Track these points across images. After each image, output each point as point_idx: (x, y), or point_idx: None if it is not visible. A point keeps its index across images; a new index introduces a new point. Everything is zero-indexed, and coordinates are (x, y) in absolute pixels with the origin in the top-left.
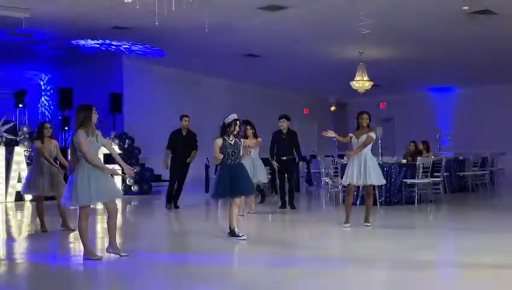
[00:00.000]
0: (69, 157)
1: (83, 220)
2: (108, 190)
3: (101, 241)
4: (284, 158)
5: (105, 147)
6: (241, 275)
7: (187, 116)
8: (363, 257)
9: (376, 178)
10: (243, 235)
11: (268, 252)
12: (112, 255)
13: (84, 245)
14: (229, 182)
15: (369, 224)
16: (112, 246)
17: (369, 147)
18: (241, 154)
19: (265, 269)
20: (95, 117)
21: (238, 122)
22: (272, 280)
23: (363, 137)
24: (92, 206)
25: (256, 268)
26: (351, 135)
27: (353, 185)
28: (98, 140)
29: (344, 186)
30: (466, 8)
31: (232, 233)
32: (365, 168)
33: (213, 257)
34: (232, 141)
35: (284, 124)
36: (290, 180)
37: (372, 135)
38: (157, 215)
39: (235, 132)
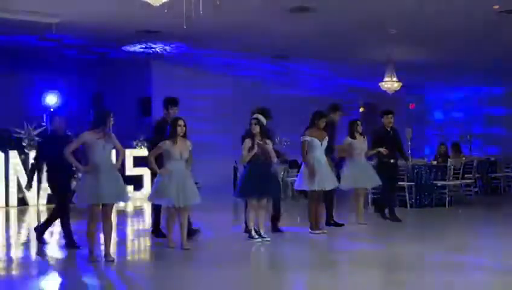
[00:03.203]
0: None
1: (90, 221)
2: (111, 191)
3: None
4: (392, 161)
5: (116, 147)
6: (267, 272)
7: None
8: (396, 259)
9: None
10: (257, 237)
11: (297, 253)
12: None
13: (89, 246)
14: (257, 182)
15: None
16: (106, 254)
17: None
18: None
19: (295, 269)
20: (110, 122)
21: (253, 121)
22: (303, 279)
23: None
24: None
25: (284, 267)
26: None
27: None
28: (109, 142)
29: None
30: (496, 7)
31: (249, 234)
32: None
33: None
34: (261, 141)
35: (391, 120)
36: (393, 187)
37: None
38: None
39: (253, 132)
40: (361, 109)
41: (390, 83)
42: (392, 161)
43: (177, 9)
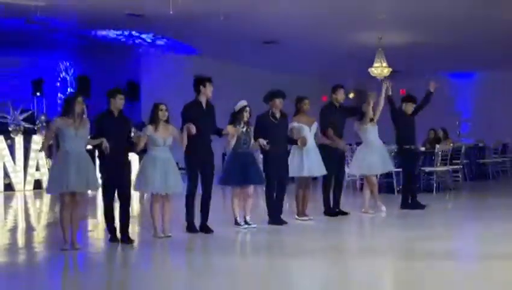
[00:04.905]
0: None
1: (62, 209)
2: (81, 179)
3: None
4: (413, 147)
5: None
6: (250, 264)
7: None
8: (379, 246)
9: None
10: (243, 225)
11: (281, 241)
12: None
13: (63, 235)
14: (240, 171)
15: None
16: (71, 242)
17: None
18: (252, 143)
19: (274, 259)
20: (79, 107)
21: (247, 108)
22: (282, 268)
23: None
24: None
25: (266, 256)
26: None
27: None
28: (82, 129)
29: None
30: None
31: (235, 221)
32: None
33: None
34: (243, 128)
35: (412, 108)
36: (413, 175)
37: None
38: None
39: (245, 119)
40: (351, 95)
41: (379, 69)
42: (413, 147)
43: None
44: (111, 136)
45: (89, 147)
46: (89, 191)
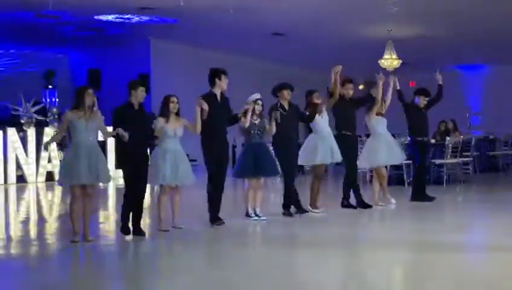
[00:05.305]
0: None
1: (72, 202)
2: (91, 171)
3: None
4: (426, 139)
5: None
6: (259, 255)
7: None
8: (389, 238)
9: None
10: (254, 217)
11: (292, 233)
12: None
13: (73, 227)
14: (253, 162)
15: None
16: (84, 234)
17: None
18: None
19: (285, 248)
20: (89, 99)
21: (259, 101)
22: (293, 260)
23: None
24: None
25: (275, 247)
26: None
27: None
28: (92, 122)
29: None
30: None
31: (246, 213)
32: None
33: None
34: (256, 120)
35: (424, 102)
36: (424, 167)
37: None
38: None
39: (257, 112)
40: (361, 87)
41: (389, 61)
42: (425, 139)
43: None
44: (131, 128)
45: (100, 139)
46: (100, 184)
